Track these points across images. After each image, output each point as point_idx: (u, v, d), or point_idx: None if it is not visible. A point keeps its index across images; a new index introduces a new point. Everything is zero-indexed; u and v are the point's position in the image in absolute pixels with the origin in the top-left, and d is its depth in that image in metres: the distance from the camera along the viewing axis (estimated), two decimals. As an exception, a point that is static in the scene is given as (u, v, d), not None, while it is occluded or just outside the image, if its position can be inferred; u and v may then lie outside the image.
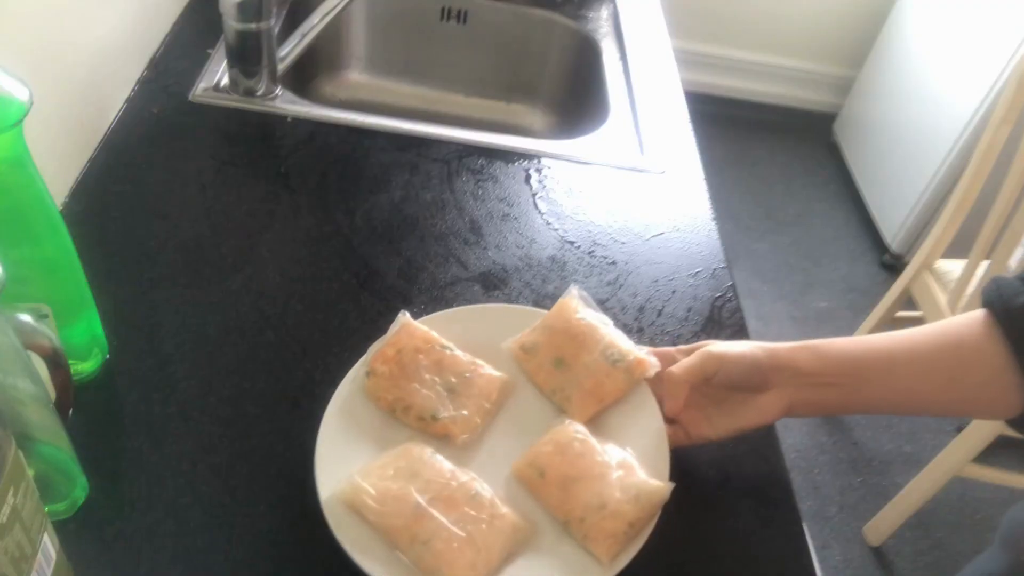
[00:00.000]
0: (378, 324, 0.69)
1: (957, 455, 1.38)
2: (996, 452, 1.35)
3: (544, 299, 0.75)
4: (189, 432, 0.60)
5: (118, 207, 0.76)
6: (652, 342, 0.73)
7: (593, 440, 0.59)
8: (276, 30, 0.90)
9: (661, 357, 0.63)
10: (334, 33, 1.18)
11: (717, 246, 0.84)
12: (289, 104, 0.92)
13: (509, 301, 0.74)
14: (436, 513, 0.54)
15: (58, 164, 0.76)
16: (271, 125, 0.89)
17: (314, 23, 0.97)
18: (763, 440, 0.66)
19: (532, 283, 0.77)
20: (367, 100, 1.23)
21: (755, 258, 2.16)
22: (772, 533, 0.61)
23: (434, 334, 0.65)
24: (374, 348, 0.63)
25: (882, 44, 2.32)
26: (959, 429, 1.47)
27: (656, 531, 0.55)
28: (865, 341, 0.59)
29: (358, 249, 0.77)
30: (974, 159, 1.43)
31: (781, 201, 2.37)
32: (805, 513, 1.60)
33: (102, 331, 0.62)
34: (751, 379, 0.59)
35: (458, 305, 0.72)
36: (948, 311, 1.46)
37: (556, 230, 0.83)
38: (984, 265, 1.39)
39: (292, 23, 1.01)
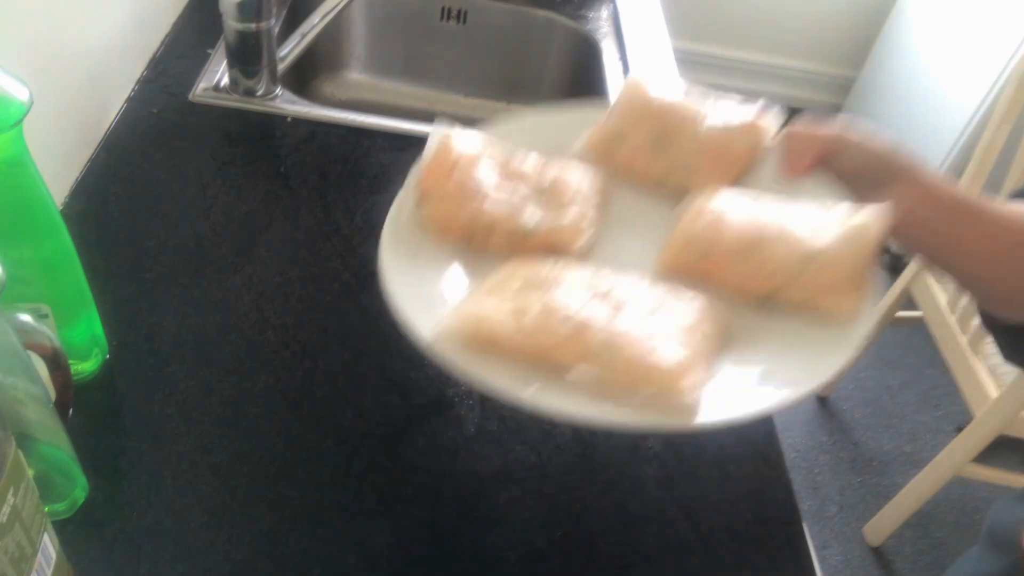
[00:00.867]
0: (378, 324, 0.69)
1: (957, 455, 1.38)
2: (996, 452, 1.35)
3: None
4: (189, 432, 0.60)
5: (118, 207, 0.76)
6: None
7: (751, 193, 0.49)
8: (276, 30, 0.90)
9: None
10: (334, 33, 1.18)
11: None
12: (289, 104, 0.92)
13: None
14: (603, 316, 0.42)
15: (58, 164, 0.76)
16: (271, 125, 0.89)
17: (314, 23, 0.97)
18: (763, 440, 0.66)
19: (532, 283, 0.77)
20: (367, 100, 1.23)
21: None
22: (772, 533, 0.60)
23: (491, 141, 0.52)
24: (413, 176, 0.51)
25: (882, 44, 2.32)
26: (959, 429, 1.48)
27: (656, 531, 0.55)
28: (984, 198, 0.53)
29: (358, 249, 0.76)
30: (974, 159, 1.43)
31: (781, 201, 2.36)
32: (805, 513, 1.60)
33: (102, 331, 0.62)
34: (873, 170, 0.51)
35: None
36: (948, 311, 1.46)
37: (556, 230, 0.83)
38: (984, 265, 1.38)
39: (292, 23, 1.01)
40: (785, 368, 0.44)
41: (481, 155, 0.50)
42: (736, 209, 0.48)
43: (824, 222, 0.47)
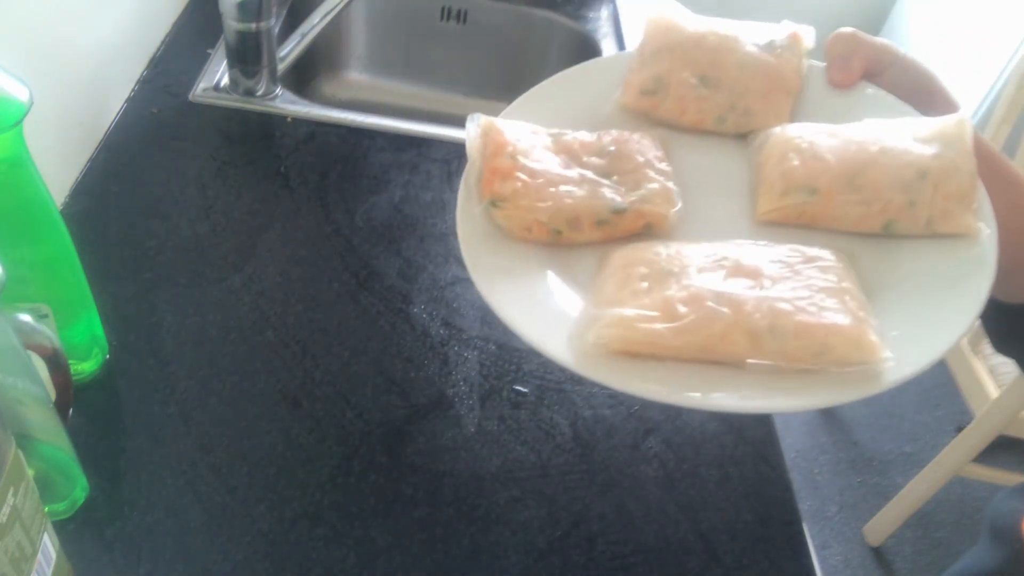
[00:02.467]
0: (378, 324, 0.69)
1: (957, 455, 1.38)
2: (996, 452, 1.35)
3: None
4: (189, 432, 0.60)
5: (118, 207, 0.76)
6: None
7: (829, 125, 0.45)
8: (276, 30, 0.90)
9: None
10: (334, 33, 1.18)
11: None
12: (289, 104, 0.92)
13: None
14: (752, 291, 0.39)
15: (58, 164, 0.76)
16: (271, 125, 0.89)
17: (314, 23, 0.97)
18: (763, 440, 0.66)
19: (532, 283, 0.77)
20: (367, 100, 1.23)
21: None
22: (772, 533, 0.60)
23: (532, 125, 0.48)
24: (469, 178, 0.47)
25: (882, 44, 2.32)
26: (959, 429, 1.47)
27: (656, 531, 0.55)
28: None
29: (358, 249, 0.76)
30: (974, 159, 1.43)
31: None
32: (805, 513, 1.60)
33: (102, 331, 0.62)
34: (917, 93, 0.48)
35: (460, 305, 0.72)
36: (948, 311, 1.46)
37: (556, 230, 0.83)
38: (984, 265, 1.38)
39: (292, 23, 1.01)
40: (941, 301, 0.41)
41: (535, 141, 0.47)
42: (824, 140, 0.44)
43: (919, 138, 0.43)
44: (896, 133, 0.44)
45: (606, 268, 0.44)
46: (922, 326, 0.40)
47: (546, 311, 0.43)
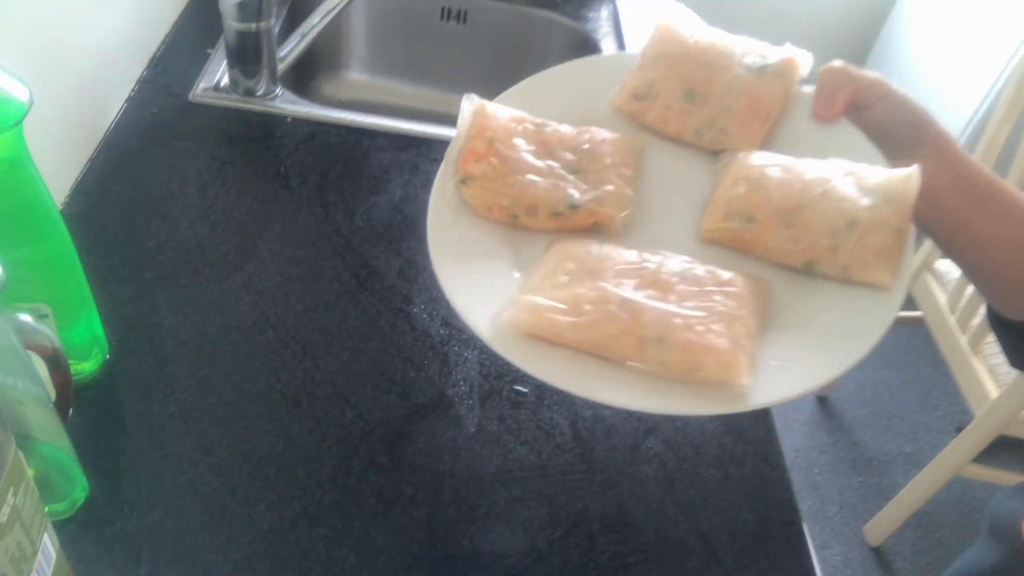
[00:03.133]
0: (378, 324, 0.69)
1: (957, 455, 1.38)
2: (996, 452, 1.35)
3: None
4: (189, 432, 0.60)
5: (118, 207, 0.76)
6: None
7: (788, 158, 0.48)
8: (276, 30, 0.90)
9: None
10: (334, 33, 1.18)
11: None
12: (289, 104, 0.92)
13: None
14: (654, 302, 0.42)
15: (58, 164, 0.76)
16: (271, 125, 0.89)
17: (314, 23, 0.97)
18: (763, 440, 0.66)
19: (532, 283, 0.77)
20: (367, 100, 1.23)
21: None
22: (772, 533, 0.60)
23: (519, 113, 0.51)
24: (452, 152, 0.51)
25: (882, 44, 2.32)
26: (959, 429, 1.47)
27: (656, 531, 0.55)
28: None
29: (358, 249, 0.76)
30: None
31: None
32: (805, 513, 1.60)
33: (102, 331, 0.62)
34: (905, 128, 0.50)
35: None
36: (948, 311, 1.46)
37: (556, 230, 0.83)
38: (984, 265, 1.38)
39: (292, 23, 1.01)
40: (826, 343, 0.44)
41: (516, 129, 0.50)
42: (776, 172, 0.47)
43: (862, 187, 0.46)
44: (846, 179, 0.47)
45: (544, 257, 0.48)
46: (800, 362, 0.44)
47: (482, 285, 0.47)
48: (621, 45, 1.13)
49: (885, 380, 1.90)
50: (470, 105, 0.51)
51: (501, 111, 0.51)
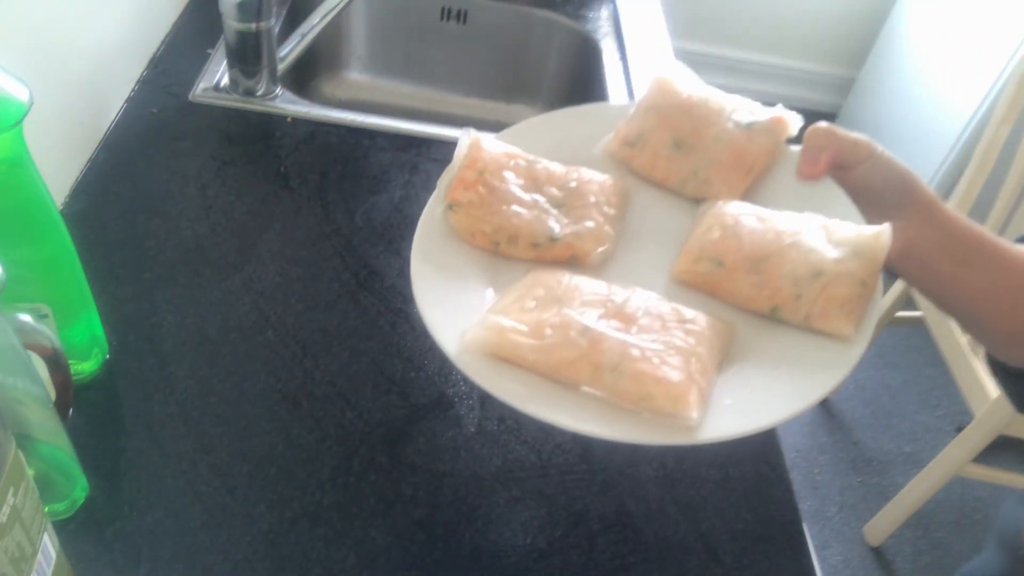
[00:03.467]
0: (378, 324, 0.69)
1: (957, 455, 1.38)
2: (996, 452, 1.35)
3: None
4: (189, 432, 0.60)
5: (118, 207, 0.76)
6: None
7: (764, 209, 0.50)
8: (276, 30, 0.90)
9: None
10: (334, 33, 1.18)
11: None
12: (289, 104, 0.92)
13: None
14: (614, 332, 0.44)
15: (58, 164, 0.76)
16: (271, 125, 0.89)
17: (314, 23, 0.97)
18: (763, 440, 0.66)
19: (532, 283, 0.77)
20: (367, 100, 1.23)
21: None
22: (772, 533, 0.61)
23: (514, 149, 0.54)
24: (444, 180, 0.53)
25: (882, 44, 2.32)
26: (959, 429, 1.48)
27: (656, 531, 0.55)
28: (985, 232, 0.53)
29: (358, 249, 0.76)
30: (974, 159, 1.43)
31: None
32: (805, 513, 1.60)
33: (102, 331, 0.62)
34: (890, 189, 0.51)
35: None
36: (948, 311, 1.46)
37: (556, 230, 0.83)
38: (984, 265, 1.38)
39: (292, 23, 1.01)
40: (781, 386, 0.46)
41: (507, 163, 0.52)
42: (750, 221, 0.49)
43: (832, 240, 0.48)
44: (817, 232, 0.49)
45: (519, 283, 0.49)
46: (751, 403, 0.45)
47: (454, 304, 0.49)
48: (621, 45, 1.13)
49: (885, 380, 1.90)
50: (467, 138, 0.53)
51: (495, 146, 0.54)
